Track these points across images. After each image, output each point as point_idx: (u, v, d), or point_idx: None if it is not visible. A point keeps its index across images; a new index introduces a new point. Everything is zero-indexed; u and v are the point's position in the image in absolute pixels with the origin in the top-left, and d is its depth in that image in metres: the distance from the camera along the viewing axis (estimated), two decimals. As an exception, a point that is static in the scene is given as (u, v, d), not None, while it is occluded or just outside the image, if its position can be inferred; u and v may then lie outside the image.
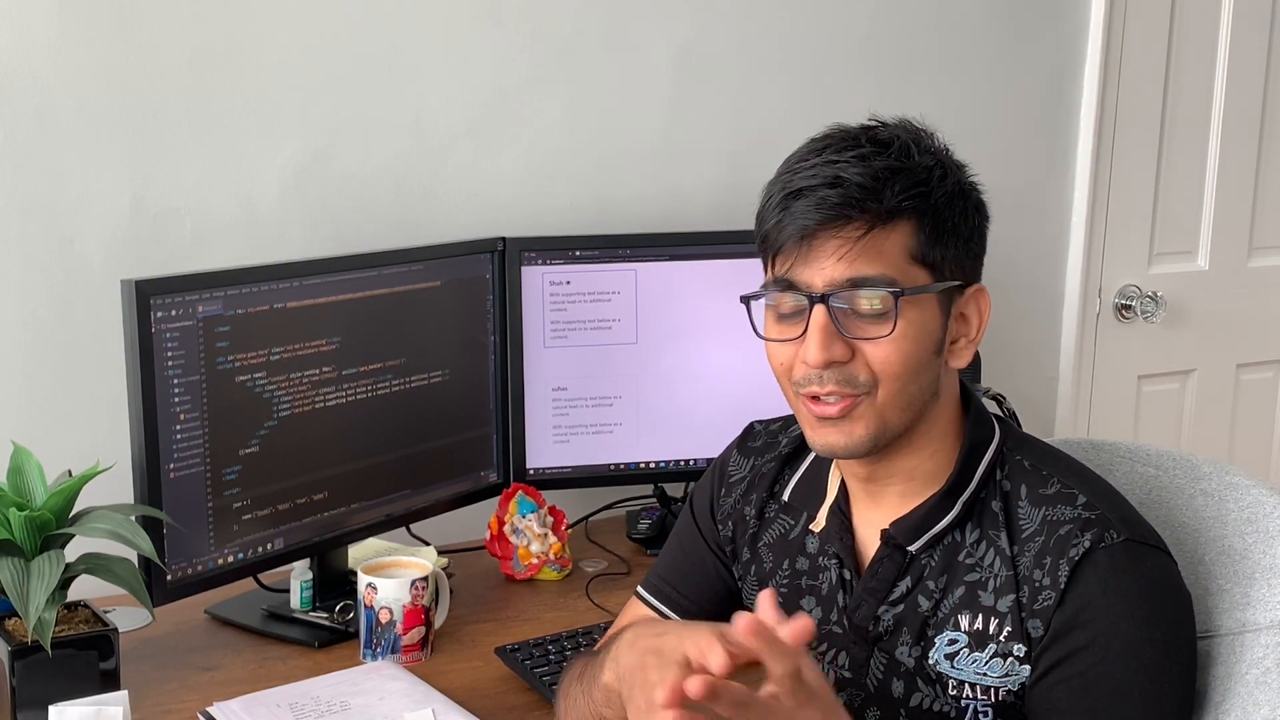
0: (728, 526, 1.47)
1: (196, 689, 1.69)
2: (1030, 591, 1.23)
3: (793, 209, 1.23)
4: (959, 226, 1.26)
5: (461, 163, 2.23)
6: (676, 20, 2.35)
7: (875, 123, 1.29)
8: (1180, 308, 2.92)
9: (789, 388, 1.28)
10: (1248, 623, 1.29)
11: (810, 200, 1.22)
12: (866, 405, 1.24)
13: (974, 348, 1.30)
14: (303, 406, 1.85)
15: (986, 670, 1.25)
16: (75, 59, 1.94)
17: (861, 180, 1.21)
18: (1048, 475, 1.28)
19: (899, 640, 1.30)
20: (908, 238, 1.23)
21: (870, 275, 1.22)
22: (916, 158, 1.25)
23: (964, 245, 1.27)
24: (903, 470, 1.30)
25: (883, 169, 1.22)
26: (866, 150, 1.23)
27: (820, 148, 1.26)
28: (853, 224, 1.22)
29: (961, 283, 1.27)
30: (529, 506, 2.07)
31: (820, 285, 1.23)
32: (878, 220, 1.22)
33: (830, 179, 1.22)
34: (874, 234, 1.22)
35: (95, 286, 1.98)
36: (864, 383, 1.24)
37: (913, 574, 1.30)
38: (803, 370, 1.25)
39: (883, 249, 1.22)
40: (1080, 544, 1.21)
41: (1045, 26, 2.69)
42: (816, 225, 1.22)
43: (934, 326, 1.25)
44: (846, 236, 1.22)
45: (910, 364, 1.24)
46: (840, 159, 1.23)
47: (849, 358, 1.23)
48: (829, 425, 1.26)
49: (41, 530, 1.56)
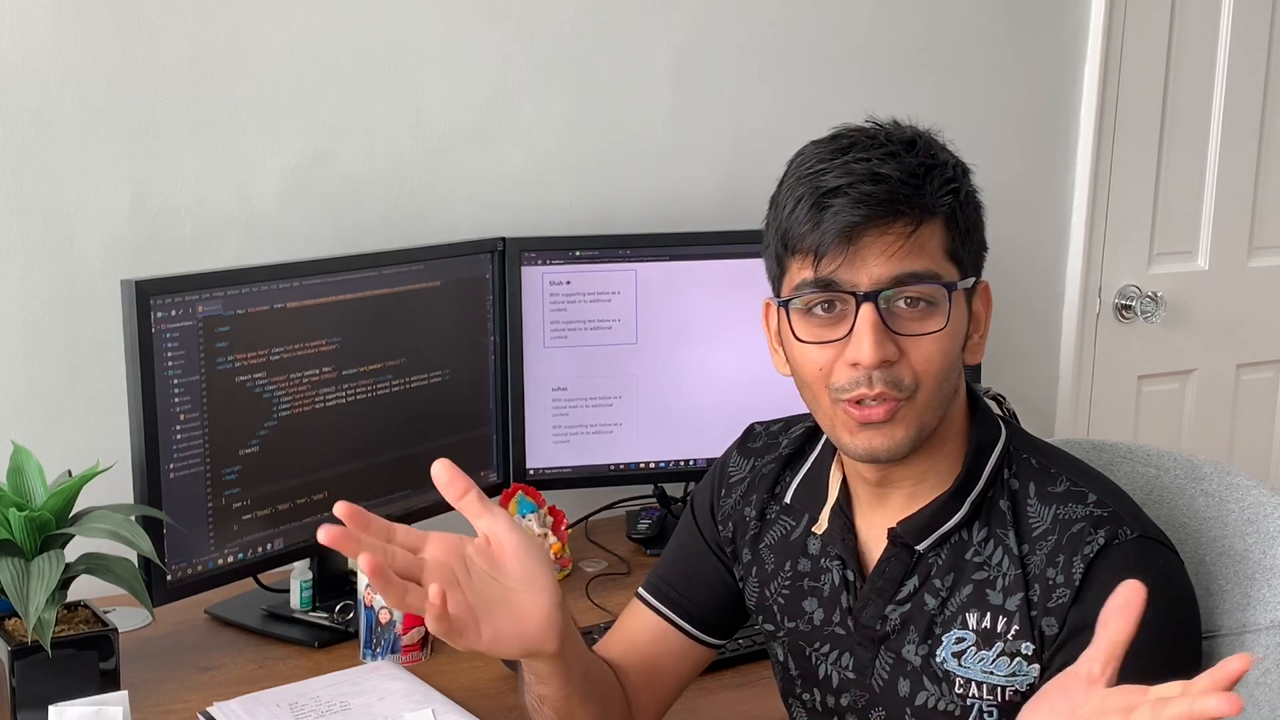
0: (728, 527, 1.47)
1: (196, 689, 1.69)
2: (1042, 590, 1.23)
3: (831, 208, 1.19)
4: (976, 222, 1.27)
5: (461, 163, 2.23)
6: (676, 20, 2.35)
7: (884, 123, 1.27)
8: (1180, 308, 2.92)
9: (823, 394, 1.24)
10: (1248, 623, 1.29)
11: (851, 198, 1.19)
12: (908, 408, 1.23)
13: (985, 343, 1.31)
14: (303, 406, 1.85)
15: (993, 669, 1.25)
16: (75, 59, 1.94)
17: (903, 177, 1.20)
18: (1056, 474, 1.28)
19: (906, 639, 1.30)
20: (943, 234, 1.22)
21: (919, 271, 1.20)
22: (941, 156, 1.24)
23: (980, 240, 1.28)
24: (915, 473, 1.29)
25: (918, 166, 1.21)
26: (895, 148, 1.22)
27: (845, 147, 1.23)
28: (902, 219, 1.20)
29: (977, 278, 1.28)
30: (529, 506, 2.07)
31: (866, 284, 1.20)
32: (922, 216, 1.20)
33: (868, 175, 1.19)
34: (920, 230, 1.20)
35: (95, 286, 1.98)
36: (908, 385, 1.22)
37: (920, 573, 1.29)
38: (847, 374, 1.22)
39: (925, 245, 1.21)
40: (1095, 541, 1.21)
41: (1045, 26, 2.69)
42: (863, 221, 1.19)
43: (964, 322, 1.26)
44: (897, 233, 1.20)
45: (949, 361, 1.23)
46: (870, 157, 1.21)
47: (898, 357, 1.21)
48: (871, 429, 1.23)
49: (41, 530, 1.56)
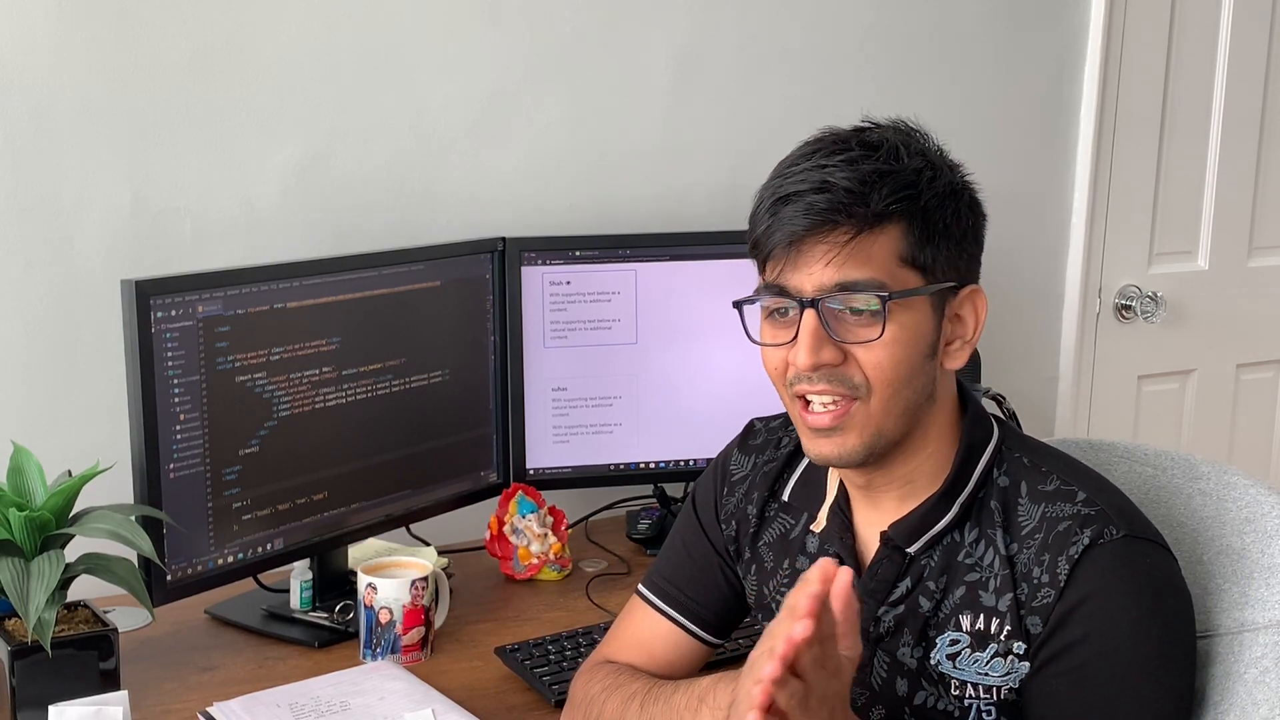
0: (731, 526, 1.47)
1: (196, 689, 1.69)
2: (1029, 589, 1.23)
3: (782, 214, 1.23)
4: (950, 227, 1.25)
5: (461, 163, 2.23)
6: (676, 20, 2.35)
7: (868, 124, 1.29)
8: (1180, 308, 2.92)
9: (784, 390, 1.29)
10: (1246, 622, 1.29)
11: (798, 206, 1.22)
12: (860, 412, 1.24)
13: (970, 349, 1.30)
14: (303, 406, 1.85)
15: (988, 670, 1.26)
16: (75, 59, 1.94)
17: (849, 185, 1.21)
18: (1047, 472, 1.28)
19: (900, 641, 1.30)
20: (897, 240, 1.23)
21: (858, 279, 1.22)
22: (905, 160, 1.24)
23: (956, 246, 1.26)
24: (900, 476, 1.30)
25: (870, 172, 1.22)
26: (855, 154, 1.23)
27: (811, 151, 1.26)
28: (840, 229, 1.22)
29: (955, 284, 1.27)
30: (529, 506, 2.07)
31: (810, 289, 1.23)
32: (865, 224, 1.22)
33: (818, 184, 1.22)
34: (861, 238, 1.22)
35: (95, 286, 1.98)
36: (857, 384, 1.23)
37: (912, 575, 1.30)
38: (794, 372, 1.25)
39: (871, 252, 1.22)
40: (1080, 540, 1.21)
41: (1045, 26, 2.69)
42: (804, 231, 1.22)
43: (927, 329, 1.25)
44: (834, 241, 1.22)
45: (902, 368, 1.24)
46: (829, 163, 1.23)
47: (840, 361, 1.23)
48: (821, 436, 1.26)
49: (41, 530, 1.56)
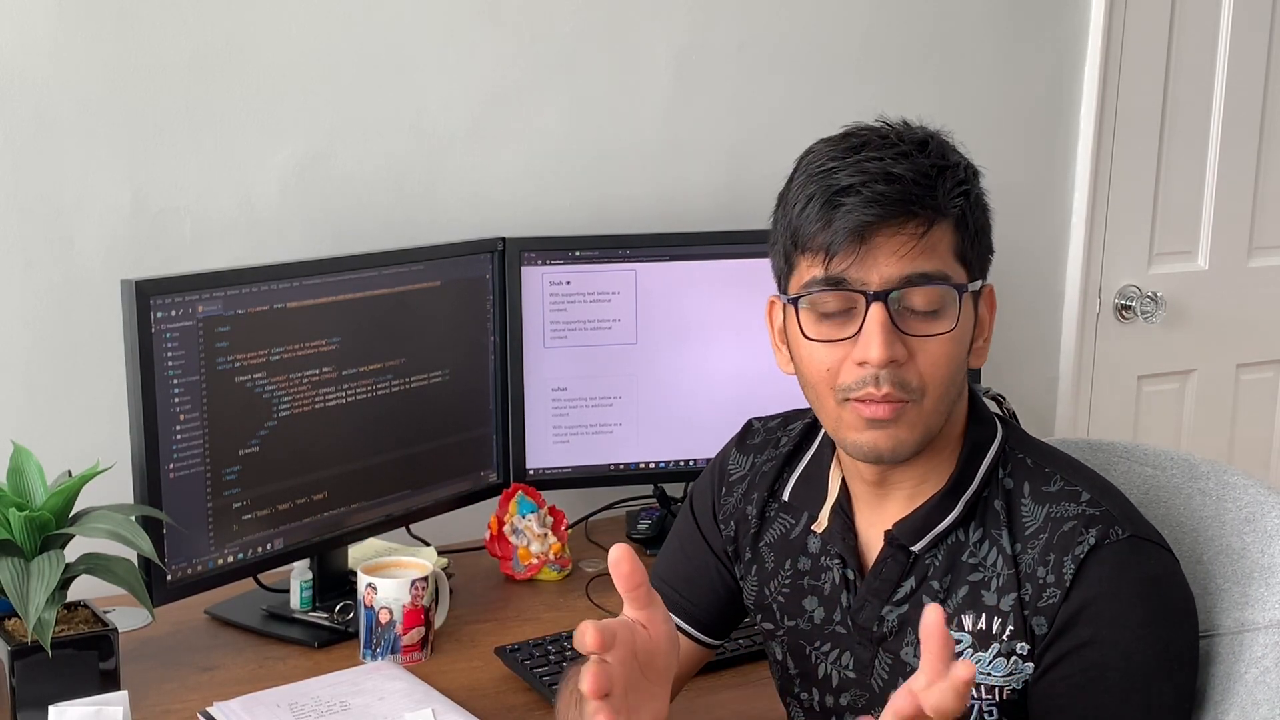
0: (730, 527, 1.46)
1: (196, 689, 1.69)
2: (1034, 589, 1.23)
3: (843, 207, 1.19)
4: (985, 226, 1.27)
5: (461, 163, 2.23)
6: (676, 20, 2.35)
7: (895, 123, 1.27)
8: (1180, 308, 2.92)
9: (828, 394, 1.24)
10: (1246, 622, 1.28)
11: (864, 197, 1.19)
12: (914, 411, 1.23)
13: (988, 347, 1.31)
14: (303, 406, 1.85)
15: (990, 670, 1.25)
16: (75, 59, 1.94)
17: (915, 177, 1.20)
18: (1051, 473, 1.28)
19: (904, 640, 1.30)
20: (953, 236, 1.22)
21: (929, 272, 1.20)
22: (952, 157, 1.24)
23: (988, 243, 1.28)
24: (915, 475, 1.30)
25: (930, 167, 1.21)
26: (907, 148, 1.22)
27: (856, 145, 1.23)
28: (914, 220, 1.20)
29: (985, 282, 1.28)
30: (529, 506, 2.07)
31: (876, 283, 1.20)
32: (935, 216, 1.21)
33: (881, 175, 1.19)
34: (931, 231, 1.21)
35: (95, 286, 1.98)
36: (915, 388, 1.22)
37: (917, 574, 1.29)
38: (855, 374, 1.22)
39: (936, 247, 1.21)
40: (1085, 540, 1.21)
41: (1045, 26, 2.69)
42: (877, 219, 1.19)
43: (969, 326, 1.25)
44: (909, 233, 1.20)
45: (954, 365, 1.23)
46: (883, 156, 1.20)
47: (906, 358, 1.21)
48: (877, 428, 1.23)
49: (41, 530, 1.56)
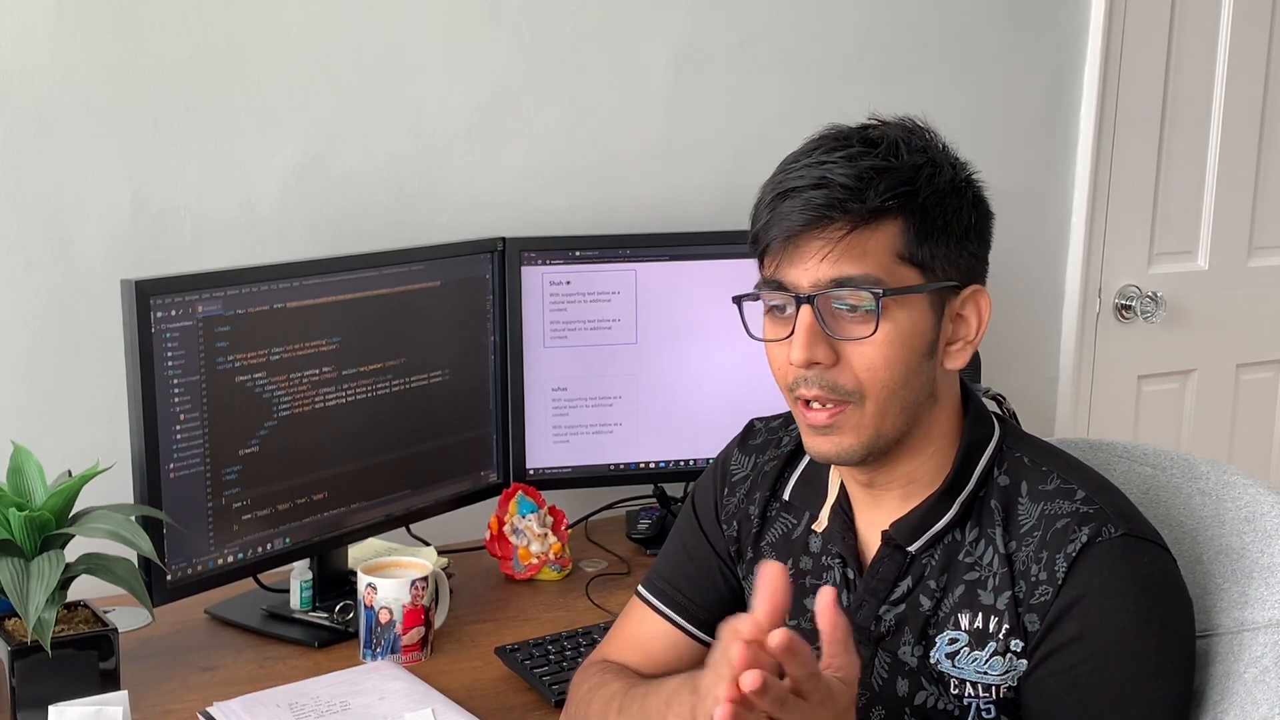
0: (732, 527, 1.46)
1: (196, 689, 1.69)
2: (1027, 586, 1.23)
3: (780, 209, 1.23)
4: (950, 225, 1.25)
5: (461, 163, 2.23)
6: (676, 20, 2.35)
7: (872, 122, 1.29)
8: (1180, 308, 2.92)
9: (786, 393, 1.28)
10: (1245, 621, 1.29)
11: (796, 201, 1.22)
12: (855, 414, 1.24)
13: (971, 350, 1.29)
14: (303, 406, 1.85)
15: (987, 669, 1.25)
16: (75, 59, 1.94)
17: (846, 180, 1.21)
18: (1047, 471, 1.28)
19: (901, 640, 1.30)
20: (894, 237, 1.23)
21: (853, 275, 1.21)
22: (905, 156, 1.24)
23: (957, 244, 1.25)
24: (903, 474, 1.30)
25: (868, 168, 1.22)
26: (855, 150, 1.24)
27: (813, 148, 1.26)
28: (835, 225, 1.22)
29: (957, 283, 1.26)
30: (529, 506, 2.07)
31: (806, 285, 1.23)
32: (861, 220, 1.22)
33: (817, 180, 1.22)
34: (857, 234, 1.22)
35: (95, 286, 1.98)
36: (849, 391, 1.23)
37: (913, 574, 1.30)
38: (791, 372, 1.25)
39: (867, 248, 1.22)
40: (1078, 538, 1.21)
41: (1045, 26, 2.69)
42: (801, 226, 1.22)
43: (924, 328, 1.24)
44: (829, 237, 1.22)
45: (897, 368, 1.23)
46: (829, 159, 1.23)
47: (833, 360, 1.23)
48: (819, 434, 1.26)
49: (41, 530, 1.56)
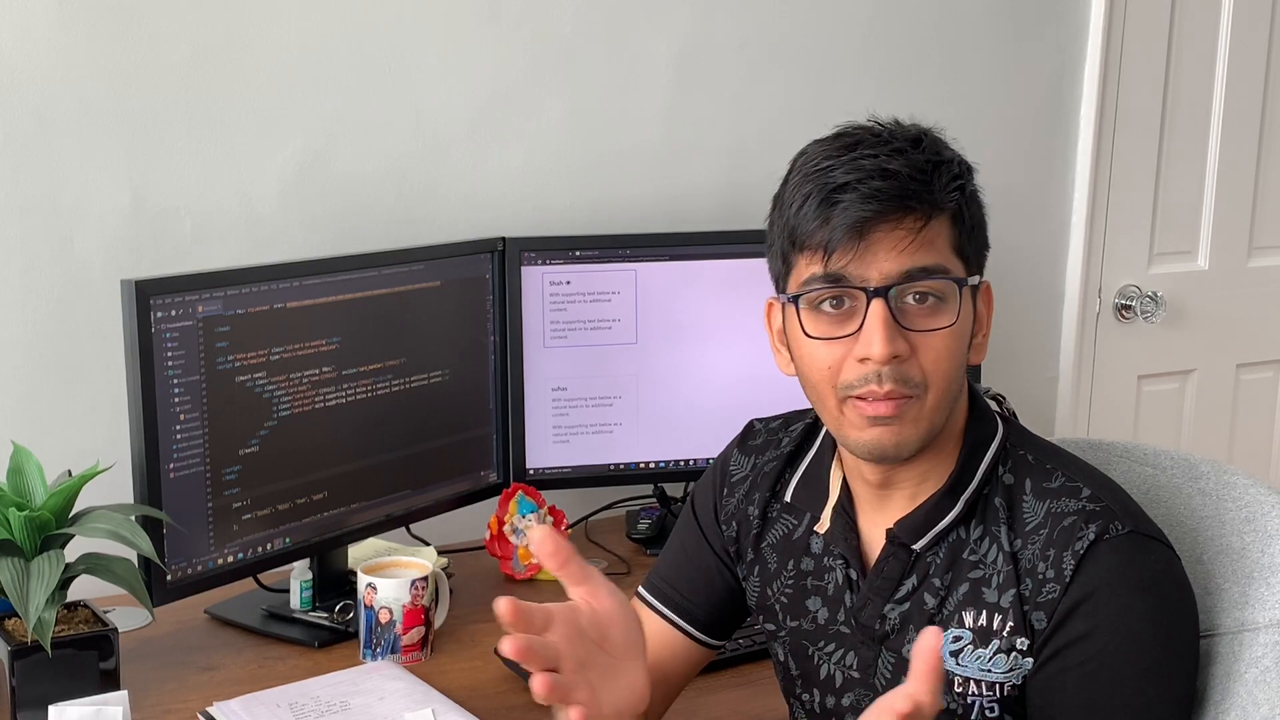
0: (731, 527, 1.46)
1: (196, 689, 1.69)
2: (1033, 584, 1.23)
3: (840, 204, 1.20)
4: (980, 219, 1.27)
5: (461, 163, 2.23)
6: (676, 20, 2.35)
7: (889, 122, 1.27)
8: (1180, 308, 2.92)
9: (830, 393, 1.24)
10: (1246, 621, 1.28)
11: (860, 193, 1.19)
12: (917, 406, 1.22)
13: (987, 343, 1.31)
14: (303, 406, 1.85)
15: (991, 666, 1.25)
16: (75, 59, 1.94)
17: (911, 172, 1.20)
18: (1052, 469, 1.28)
19: (905, 638, 1.30)
20: (950, 230, 1.23)
21: (929, 266, 1.21)
22: (946, 153, 1.25)
23: (984, 238, 1.28)
24: (917, 473, 1.30)
25: (925, 162, 1.22)
26: (901, 145, 1.22)
27: (850, 144, 1.23)
28: (912, 214, 1.20)
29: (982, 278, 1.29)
30: (529, 506, 2.07)
31: (876, 279, 1.20)
32: (932, 211, 1.21)
33: (877, 171, 1.20)
34: (931, 224, 1.21)
35: (95, 286, 1.98)
36: (918, 383, 1.22)
37: (918, 572, 1.30)
38: (857, 371, 1.22)
39: (934, 241, 1.21)
40: (1085, 536, 1.21)
41: (1045, 26, 2.69)
42: (874, 215, 1.19)
43: (969, 322, 1.26)
44: (908, 228, 1.20)
45: (957, 359, 1.24)
46: (878, 153, 1.21)
47: (908, 354, 1.21)
48: (880, 425, 1.23)
49: (41, 530, 1.56)
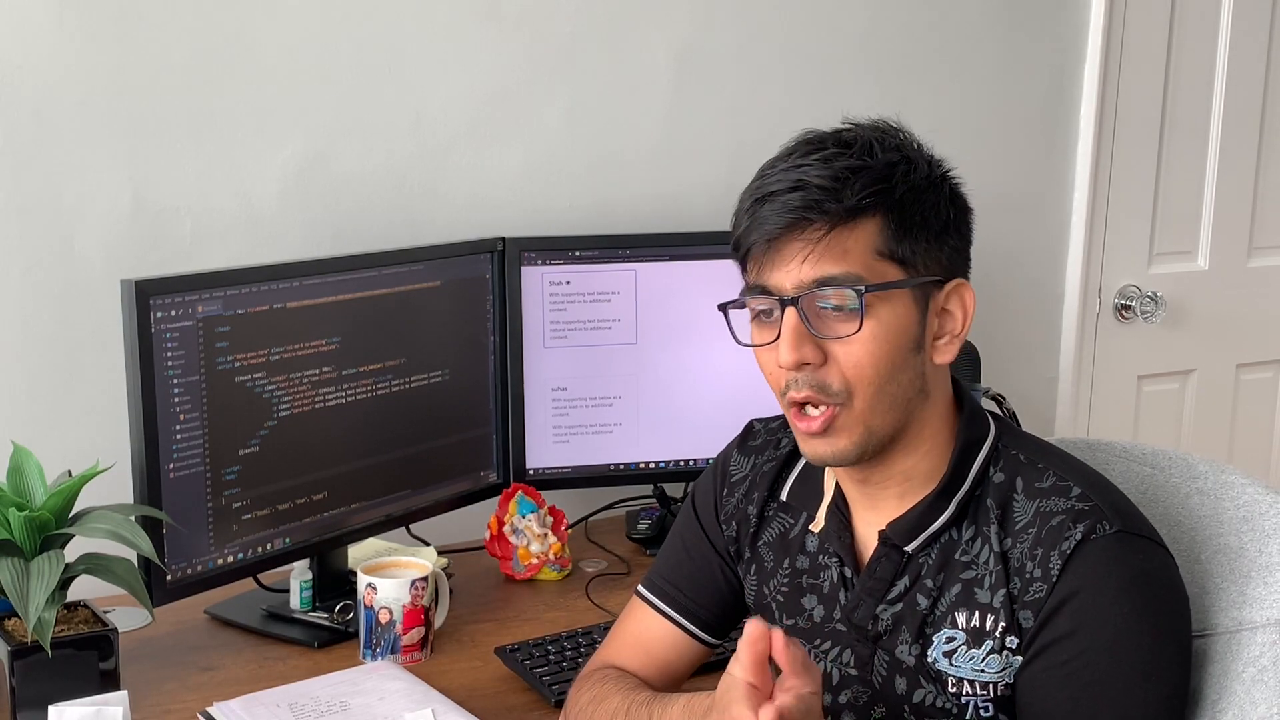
0: (731, 527, 1.47)
1: (196, 689, 1.70)
2: (1022, 583, 1.24)
3: (759, 214, 1.25)
4: (929, 220, 1.26)
5: (461, 163, 2.23)
6: (676, 20, 2.35)
7: (847, 124, 1.31)
8: (1180, 308, 2.92)
9: (780, 399, 1.29)
10: (1244, 621, 1.29)
11: (774, 205, 1.24)
12: (845, 416, 1.25)
13: (959, 343, 1.30)
14: (303, 406, 1.85)
15: (984, 666, 1.26)
16: (75, 59, 1.94)
17: (822, 182, 1.23)
18: (1043, 469, 1.29)
19: (899, 639, 1.30)
20: (873, 235, 1.24)
21: (835, 274, 1.23)
22: (879, 155, 1.25)
23: (936, 239, 1.27)
24: (898, 473, 1.31)
25: (843, 168, 1.24)
26: (830, 151, 1.25)
27: (788, 153, 1.28)
28: (814, 225, 1.23)
29: (939, 278, 1.28)
30: (529, 506, 2.07)
31: (790, 287, 1.25)
32: (839, 219, 1.23)
33: (793, 183, 1.24)
34: (836, 233, 1.23)
35: (95, 286, 1.98)
36: (837, 391, 1.24)
37: (910, 573, 1.30)
38: (780, 376, 1.26)
39: (847, 247, 1.23)
40: (1073, 535, 1.22)
41: (1045, 26, 2.69)
42: (780, 229, 1.24)
43: (909, 323, 1.26)
44: (808, 238, 1.23)
45: (884, 365, 1.24)
46: (805, 162, 1.25)
47: (821, 361, 1.24)
48: (815, 439, 1.27)
49: (41, 530, 1.56)
